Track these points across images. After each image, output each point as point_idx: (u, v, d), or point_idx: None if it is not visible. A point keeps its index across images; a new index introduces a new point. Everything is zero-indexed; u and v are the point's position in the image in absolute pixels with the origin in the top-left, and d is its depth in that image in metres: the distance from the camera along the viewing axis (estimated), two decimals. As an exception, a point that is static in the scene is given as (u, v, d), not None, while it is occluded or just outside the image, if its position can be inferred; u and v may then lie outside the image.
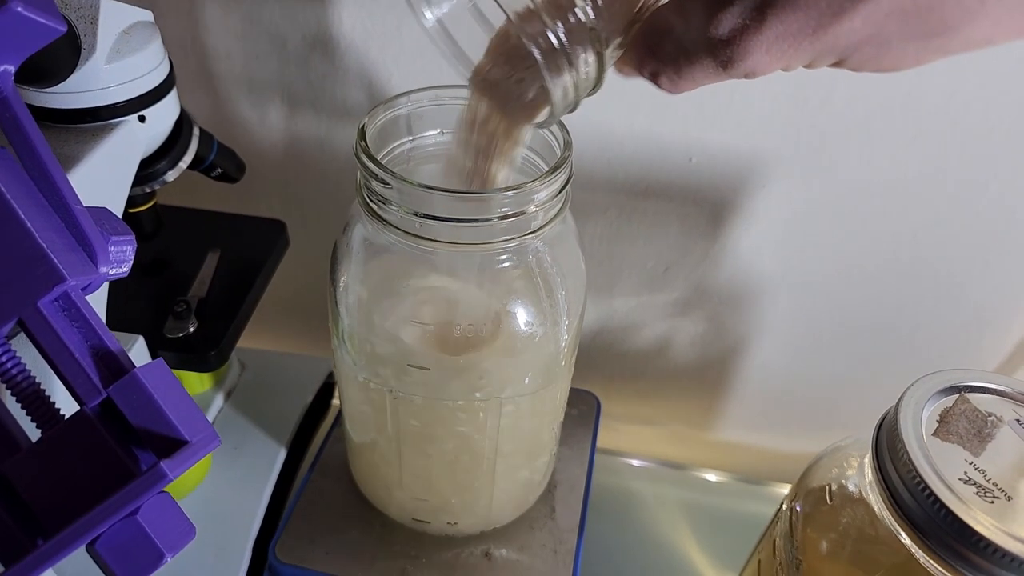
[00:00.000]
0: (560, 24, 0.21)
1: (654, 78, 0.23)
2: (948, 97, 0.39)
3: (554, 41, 0.21)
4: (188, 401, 0.24)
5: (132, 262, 0.26)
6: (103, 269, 0.25)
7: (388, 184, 0.27)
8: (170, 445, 0.23)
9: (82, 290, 0.24)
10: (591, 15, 0.21)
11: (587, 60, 0.22)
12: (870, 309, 0.48)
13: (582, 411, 0.49)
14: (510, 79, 0.24)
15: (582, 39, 0.22)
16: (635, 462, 0.53)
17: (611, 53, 0.23)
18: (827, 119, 0.41)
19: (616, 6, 0.22)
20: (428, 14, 0.25)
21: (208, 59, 0.45)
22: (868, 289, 0.47)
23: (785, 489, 0.52)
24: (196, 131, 0.37)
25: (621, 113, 0.43)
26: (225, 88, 0.47)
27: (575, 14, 0.21)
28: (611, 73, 0.41)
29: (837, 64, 0.21)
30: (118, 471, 0.22)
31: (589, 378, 0.56)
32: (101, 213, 0.26)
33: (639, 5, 0.22)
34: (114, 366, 0.23)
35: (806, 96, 0.40)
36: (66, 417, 0.23)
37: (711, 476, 0.52)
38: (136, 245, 0.26)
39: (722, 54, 0.20)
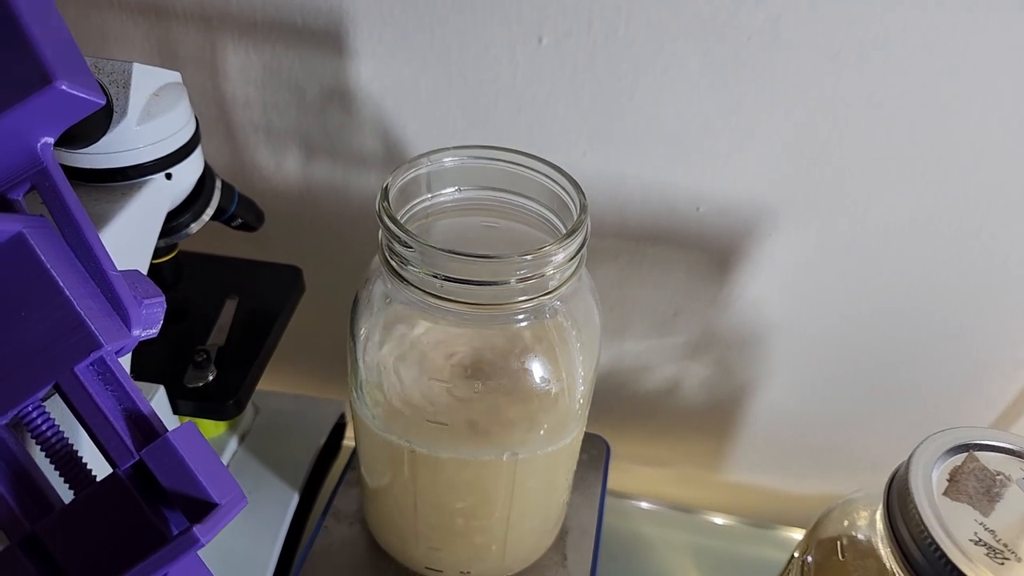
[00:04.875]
0: None
1: None
2: (953, 146, 0.40)
3: None
4: (217, 462, 0.25)
5: (162, 322, 0.27)
6: (136, 332, 0.25)
7: (410, 247, 0.28)
8: (200, 508, 0.23)
9: (115, 353, 0.25)
10: None
11: None
12: (876, 353, 0.49)
13: (592, 455, 0.49)
14: None
15: None
16: (644, 505, 0.53)
17: None
18: (832, 168, 0.42)
19: None
20: None
21: (228, 107, 0.47)
22: (874, 333, 0.48)
23: (794, 533, 0.52)
24: (219, 183, 0.38)
25: (631, 162, 0.44)
26: (244, 135, 0.48)
27: None
28: (620, 120, 0.42)
29: None
30: (150, 534, 0.23)
31: (599, 420, 0.56)
32: (134, 276, 0.27)
33: None
34: (146, 429, 0.24)
35: (811, 146, 0.41)
36: (98, 479, 0.23)
37: (719, 519, 0.52)
38: (165, 305, 0.27)
39: None
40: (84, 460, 0.24)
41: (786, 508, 0.59)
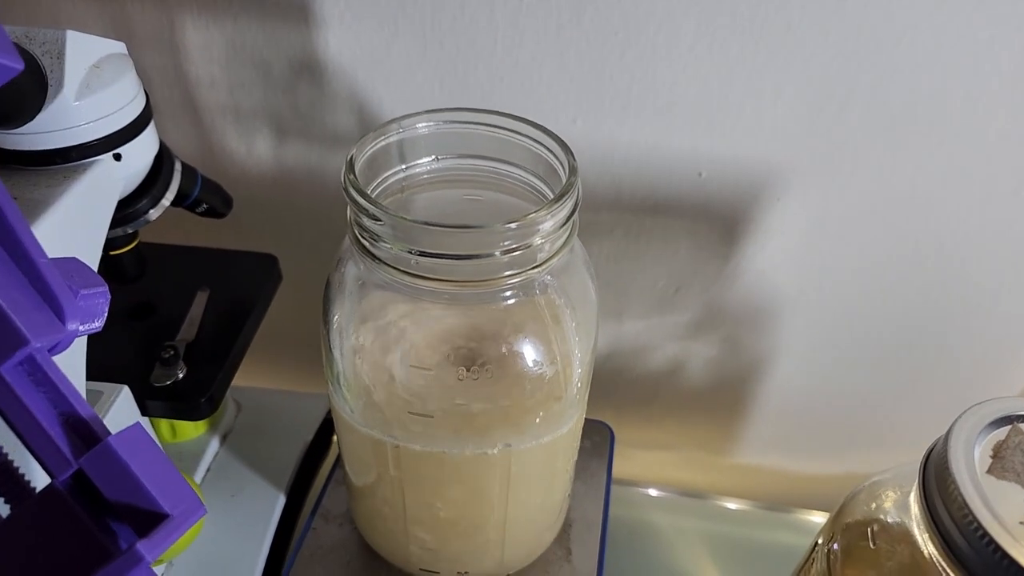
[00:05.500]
0: None
1: None
2: (974, 100, 0.37)
3: None
4: (169, 468, 0.22)
5: (106, 315, 0.24)
6: (72, 326, 0.23)
7: (380, 220, 0.25)
8: (150, 519, 0.21)
9: (49, 351, 0.22)
10: None
11: None
12: (893, 324, 0.46)
13: (595, 442, 0.46)
14: None
15: None
16: (652, 492, 0.50)
17: None
18: (844, 126, 0.39)
19: None
20: None
21: (192, 88, 0.44)
22: (891, 303, 0.45)
23: (812, 516, 0.49)
24: (178, 166, 0.35)
25: (625, 128, 0.41)
26: (211, 119, 0.45)
27: None
28: (611, 81, 0.39)
29: None
30: (94, 551, 0.20)
31: (600, 405, 0.54)
32: (70, 264, 0.24)
33: None
34: (87, 434, 0.21)
35: (821, 103, 0.38)
36: (37, 491, 0.21)
37: (731, 504, 0.50)
38: (110, 297, 0.24)
39: None
40: (21, 471, 0.21)
41: (801, 490, 0.56)
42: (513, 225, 0.25)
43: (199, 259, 0.43)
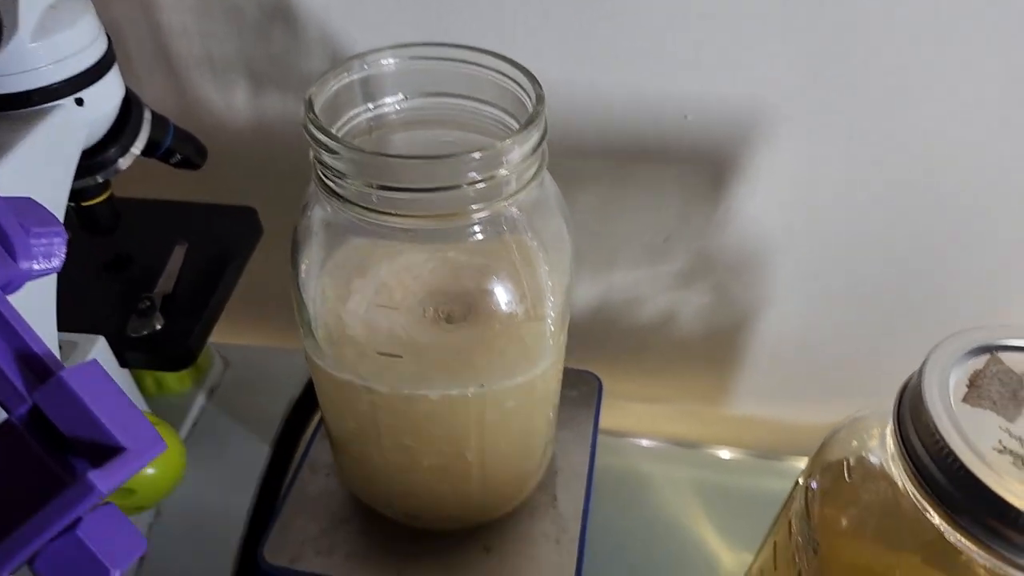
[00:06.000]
0: None
1: None
2: (965, 34, 0.35)
3: None
4: (126, 404, 0.22)
5: (63, 257, 0.24)
6: (24, 265, 0.23)
7: (337, 153, 0.24)
8: (106, 453, 0.20)
9: (2, 289, 0.22)
10: None
11: None
12: (887, 268, 0.45)
13: (583, 392, 0.46)
14: None
15: None
16: (643, 442, 0.50)
17: None
18: (832, 63, 0.37)
19: None
20: None
21: (165, 39, 0.43)
22: (884, 247, 0.44)
23: (802, 463, 0.49)
24: (147, 115, 0.35)
25: (607, 70, 0.40)
26: (186, 71, 0.44)
27: None
28: (592, 25, 0.38)
29: None
30: (50, 483, 0.20)
31: (590, 358, 0.53)
32: (23, 204, 0.24)
33: None
34: (41, 370, 0.21)
35: (808, 41, 0.37)
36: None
37: (723, 453, 0.50)
38: (66, 237, 0.24)
39: None
40: (-21, 409, 0.21)
41: (796, 439, 0.56)
42: (477, 155, 0.24)
43: (177, 213, 0.42)
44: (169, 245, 0.39)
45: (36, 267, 0.23)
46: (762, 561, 0.35)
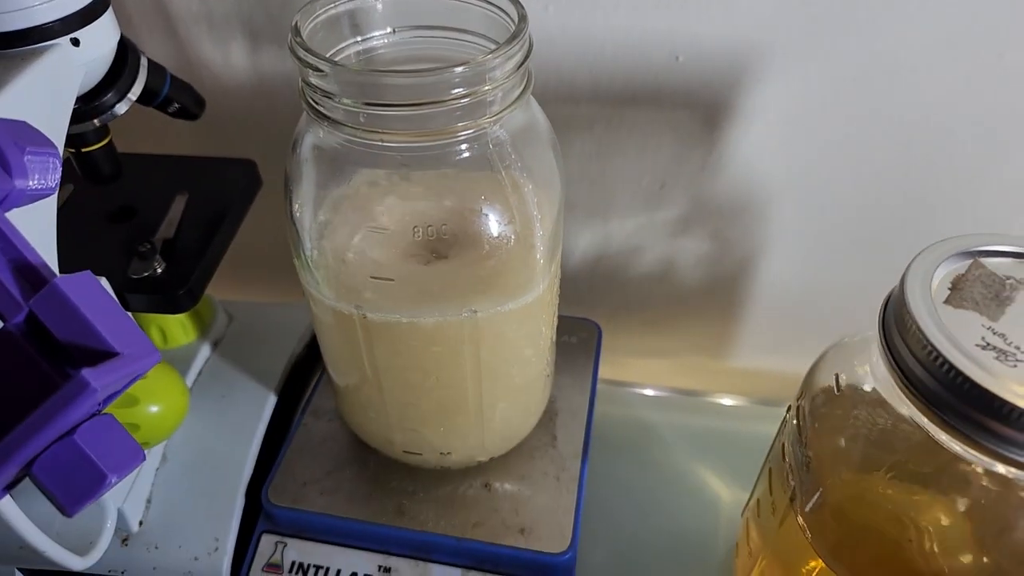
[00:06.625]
0: None
1: None
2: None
3: None
4: (122, 314, 0.23)
5: (58, 175, 0.25)
6: (19, 182, 0.23)
7: (324, 72, 0.25)
8: (99, 357, 0.21)
9: (-1, 204, 0.23)
10: None
11: None
12: (884, 207, 0.45)
13: (582, 339, 0.46)
14: None
15: None
16: (644, 391, 0.50)
17: None
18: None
19: None
20: None
21: (163, -3, 0.43)
22: (881, 186, 0.44)
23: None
24: (144, 61, 0.35)
25: (597, 12, 0.40)
26: (185, 29, 0.45)
27: None
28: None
29: None
30: (46, 386, 0.21)
31: (593, 312, 0.54)
32: (18, 126, 0.25)
33: None
34: (36, 280, 0.22)
35: (797, -28, 0.37)
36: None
37: (725, 400, 0.50)
38: (61, 157, 0.25)
39: None
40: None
41: (796, 390, 0.56)
42: (461, 68, 0.24)
43: (179, 166, 0.43)
44: (170, 196, 0.40)
45: (31, 185, 0.24)
46: (759, 492, 0.36)
